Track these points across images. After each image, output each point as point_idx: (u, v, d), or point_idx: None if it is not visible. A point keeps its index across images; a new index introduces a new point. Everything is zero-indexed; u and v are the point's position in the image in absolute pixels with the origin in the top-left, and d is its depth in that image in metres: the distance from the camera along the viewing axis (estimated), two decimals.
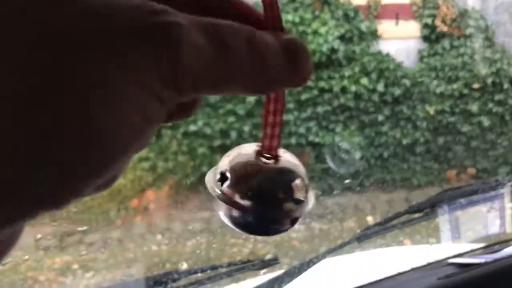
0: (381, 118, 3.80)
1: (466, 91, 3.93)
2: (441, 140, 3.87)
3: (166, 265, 2.52)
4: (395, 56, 3.96)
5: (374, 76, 3.82)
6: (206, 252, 2.56)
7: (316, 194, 0.26)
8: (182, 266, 2.40)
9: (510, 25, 4.12)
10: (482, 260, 0.90)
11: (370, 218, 3.11)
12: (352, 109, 3.78)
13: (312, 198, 0.26)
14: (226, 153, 0.25)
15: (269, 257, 0.94)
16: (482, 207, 1.02)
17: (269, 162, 0.24)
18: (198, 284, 0.82)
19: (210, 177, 0.25)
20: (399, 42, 4.04)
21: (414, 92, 3.89)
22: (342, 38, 3.84)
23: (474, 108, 3.91)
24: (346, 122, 3.77)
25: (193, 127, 3.46)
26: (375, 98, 3.80)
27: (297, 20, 3.76)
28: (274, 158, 0.24)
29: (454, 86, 3.92)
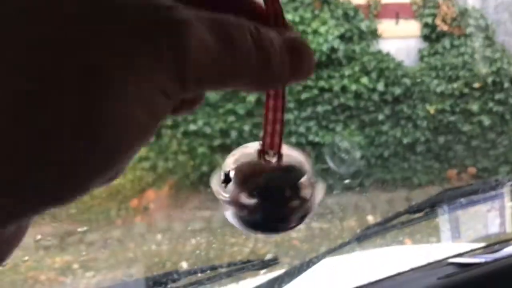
0: (381, 117, 3.79)
1: (466, 90, 3.93)
2: (441, 139, 3.87)
3: (166, 264, 2.52)
4: (395, 55, 3.96)
5: (374, 75, 3.82)
6: (206, 251, 2.56)
7: (324, 188, 0.26)
8: (182, 265, 2.40)
9: (510, 24, 4.11)
10: (482, 259, 0.90)
11: (370, 218, 3.11)
12: (352, 108, 3.78)
13: (320, 193, 0.25)
14: (230, 153, 0.25)
15: (269, 257, 0.94)
16: (482, 207, 1.02)
17: (272, 160, 0.24)
18: (198, 284, 0.82)
19: (215, 179, 0.25)
20: (399, 41, 4.04)
21: (415, 91, 3.89)
22: (342, 37, 3.83)
23: (475, 107, 3.91)
24: (346, 121, 3.77)
25: (193, 127, 3.46)
26: (375, 97, 3.80)
27: (297, 19, 3.76)
28: (277, 155, 0.24)
29: (455, 85, 3.92)
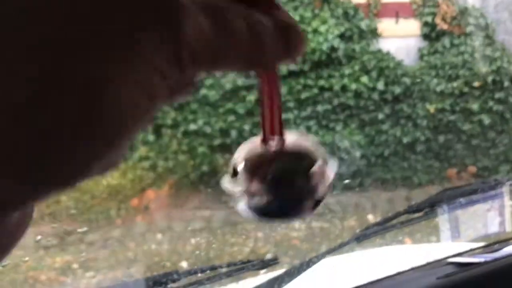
0: (381, 116, 3.79)
1: (466, 89, 3.93)
2: (441, 138, 3.87)
3: (166, 264, 2.52)
4: (395, 54, 3.95)
5: (374, 74, 3.82)
6: (206, 251, 2.57)
7: (336, 167, 0.26)
8: (182, 265, 2.40)
9: (510, 23, 4.11)
10: (482, 259, 0.90)
11: (370, 217, 3.11)
12: (352, 107, 3.78)
13: (332, 173, 0.26)
14: (237, 149, 0.26)
15: (269, 257, 0.94)
16: (481, 206, 1.02)
17: (275, 146, 0.24)
18: (198, 284, 0.82)
19: (225, 178, 0.25)
20: (399, 40, 4.04)
21: (414, 90, 3.89)
22: (342, 36, 3.83)
23: (475, 106, 3.91)
24: (346, 120, 3.76)
25: (193, 126, 3.46)
26: (375, 96, 3.80)
27: (297, 18, 3.76)
28: (281, 140, 0.24)
29: (455, 84, 3.92)
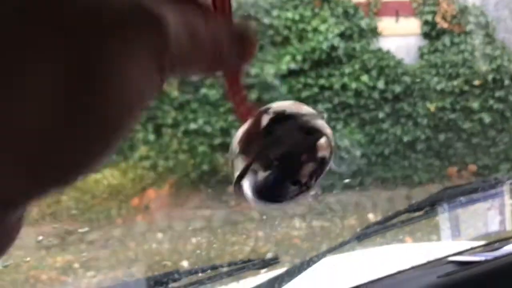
0: (381, 115, 3.79)
1: (466, 88, 3.93)
2: (442, 137, 3.87)
3: (167, 263, 2.52)
4: (396, 53, 3.95)
5: (374, 73, 3.82)
6: (207, 251, 2.57)
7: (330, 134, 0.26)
8: (183, 265, 2.40)
9: (510, 21, 4.11)
10: (482, 258, 0.90)
11: (371, 216, 3.12)
12: (352, 106, 3.78)
13: (326, 143, 0.26)
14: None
15: (269, 256, 0.94)
16: (482, 205, 1.02)
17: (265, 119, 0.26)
18: (199, 284, 0.82)
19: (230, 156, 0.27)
20: (399, 39, 4.03)
21: (415, 89, 3.89)
22: (342, 35, 3.83)
23: (475, 105, 3.91)
24: (347, 119, 3.76)
25: (193, 126, 3.46)
26: (376, 95, 3.80)
27: (297, 17, 3.76)
28: (270, 113, 0.26)
29: (455, 83, 3.92)
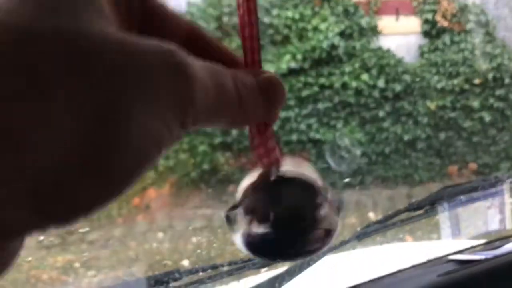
0: (382, 114, 3.79)
1: (467, 87, 3.93)
2: (442, 135, 3.87)
3: (167, 263, 2.53)
4: (396, 51, 3.95)
5: (374, 72, 3.82)
6: (207, 250, 2.57)
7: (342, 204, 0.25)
8: (184, 264, 2.40)
9: (510, 19, 4.10)
10: (482, 256, 0.90)
11: (371, 215, 3.12)
12: (352, 105, 3.77)
13: (334, 208, 0.25)
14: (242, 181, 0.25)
15: None
16: (482, 204, 1.02)
17: (271, 171, 0.24)
18: (199, 283, 0.82)
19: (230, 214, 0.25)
20: (400, 37, 4.03)
21: (415, 87, 3.89)
22: (342, 34, 3.83)
23: (475, 103, 3.91)
24: (347, 118, 3.76)
25: None
26: (376, 94, 3.80)
27: (297, 16, 3.76)
28: (276, 171, 0.24)
29: (455, 81, 3.92)
